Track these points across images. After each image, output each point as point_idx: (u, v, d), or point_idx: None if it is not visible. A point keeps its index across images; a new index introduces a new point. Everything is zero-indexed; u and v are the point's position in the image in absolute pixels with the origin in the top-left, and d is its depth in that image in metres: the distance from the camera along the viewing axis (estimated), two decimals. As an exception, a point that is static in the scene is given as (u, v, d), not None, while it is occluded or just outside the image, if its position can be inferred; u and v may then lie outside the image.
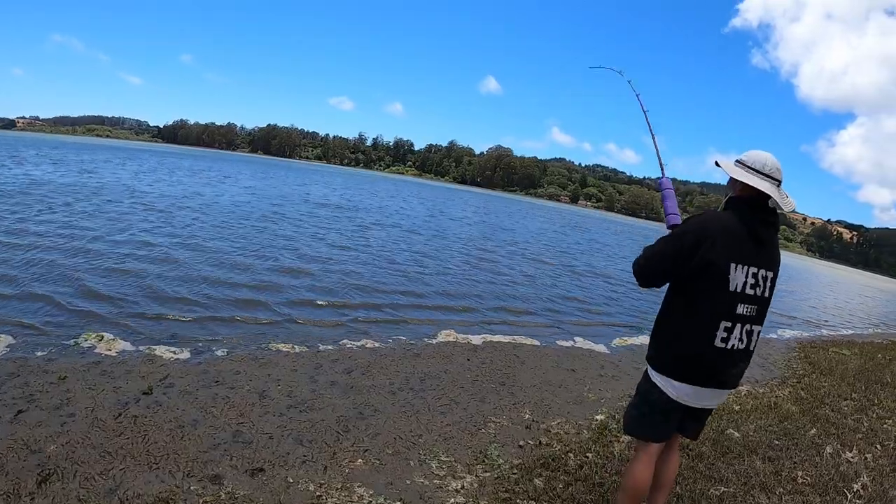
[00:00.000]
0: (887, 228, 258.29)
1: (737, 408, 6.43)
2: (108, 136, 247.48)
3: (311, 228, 18.04)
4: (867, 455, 5.42)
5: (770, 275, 2.74)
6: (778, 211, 2.77)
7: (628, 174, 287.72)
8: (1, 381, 4.61)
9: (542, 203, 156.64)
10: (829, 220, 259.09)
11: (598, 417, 5.66)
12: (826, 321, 19.15)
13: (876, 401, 7.65)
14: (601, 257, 24.73)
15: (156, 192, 22.68)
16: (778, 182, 2.72)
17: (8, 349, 5.46)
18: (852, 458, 5.28)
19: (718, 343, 2.64)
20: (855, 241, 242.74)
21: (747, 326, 2.70)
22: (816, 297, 29.62)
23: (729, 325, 2.64)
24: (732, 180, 2.79)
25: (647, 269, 2.80)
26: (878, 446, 5.76)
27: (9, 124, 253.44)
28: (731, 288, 2.61)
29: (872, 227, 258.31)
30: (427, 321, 8.90)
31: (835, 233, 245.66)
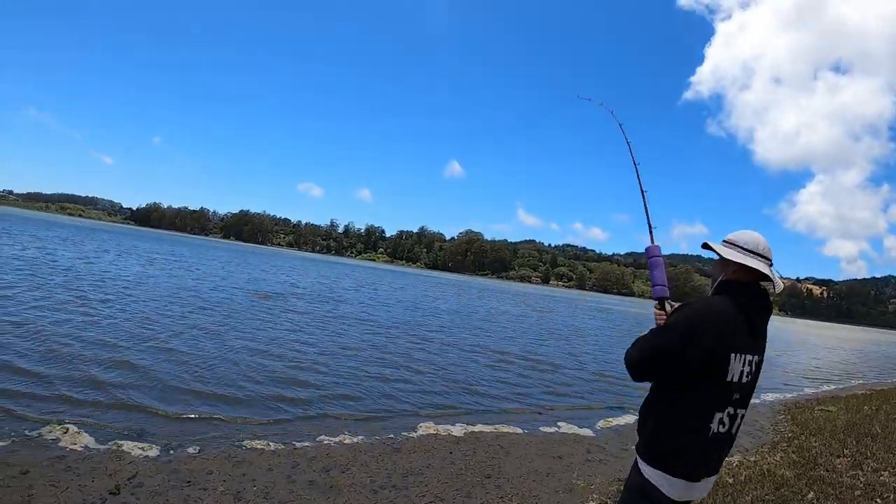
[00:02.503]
0: (855, 279, 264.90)
1: (730, 480, 6.25)
2: (80, 216, 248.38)
3: (282, 319, 17.47)
4: (868, 512, 5.28)
5: (759, 359, 2.65)
6: (770, 291, 2.71)
7: (598, 252, 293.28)
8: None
9: (514, 286, 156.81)
10: (797, 279, 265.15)
11: (590, 504, 5.46)
12: (808, 379, 19.20)
13: (869, 454, 7.55)
14: (577, 341, 24.44)
15: (125, 276, 21.88)
16: (770, 262, 2.65)
17: (-33, 439, 5.23)
18: (854, 518, 5.14)
19: (713, 433, 2.53)
20: (825, 295, 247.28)
21: (742, 411, 2.61)
22: (795, 357, 29.74)
23: (722, 415, 2.53)
24: (724, 262, 2.70)
25: (642, 362, 2.62)
26: (878, 500, 5.64)
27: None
28: (729, 378, 2.50)
29: (840, 279, 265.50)
30: (405, 413, 8.66)
31: (805, 290, 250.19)
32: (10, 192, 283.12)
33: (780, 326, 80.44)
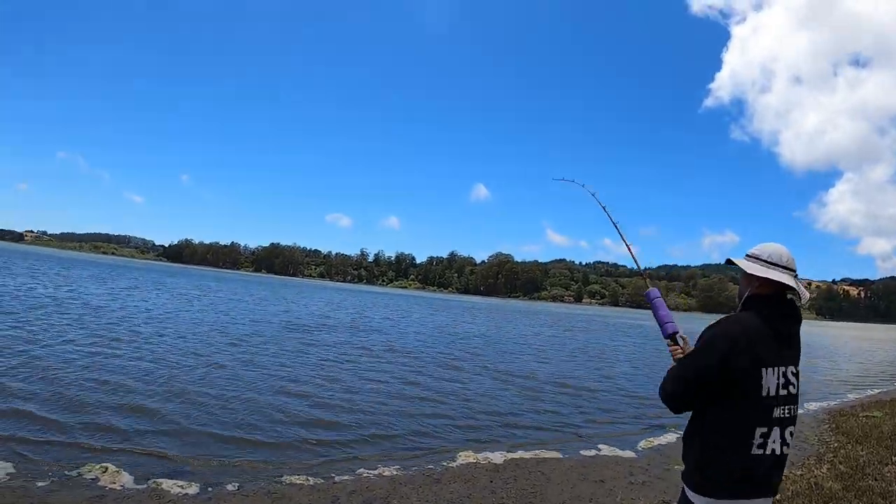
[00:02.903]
0: (892, 277, 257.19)
1: (777, 496, 6.13)
2: (113, 254, 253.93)
3: (314, 352, 17.44)
4: (921, 524, 5.16)
5: (797, 370, 2.63)
6: (797, 302, 2.70)
7: (629, 267, 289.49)
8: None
9: (547, 306, 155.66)
10: (833, 280, 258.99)
11: (634, 528, 5.40)
12: (849, 385, 18.83)
13: (918, 459, 7.36)
14: (612, 360, 24.14)
15: (155, 313, 21.72)
16: (795, 273, 2.65)
17: (7, 478, 5.35)
18: (906, 529, 5.03)
19: (756, 451, 2.49)
20: (862, 296, 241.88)
21: (790, 427, 2.57)
22: (836, 362, 29.14)
23: (765, 430, 2.49)
24: (749, 277, 2.70)
25: (677, 392, 2.63)
26: (930, 510, 5.50)
27: (17, 237, 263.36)
28: (764, 393, 2.48)
29: (877, 278, 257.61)
30: (444, 442, 8.65)
31: (841, 292, 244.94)
32: (45, 233, 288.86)
33: (813, 331, 78.70)
